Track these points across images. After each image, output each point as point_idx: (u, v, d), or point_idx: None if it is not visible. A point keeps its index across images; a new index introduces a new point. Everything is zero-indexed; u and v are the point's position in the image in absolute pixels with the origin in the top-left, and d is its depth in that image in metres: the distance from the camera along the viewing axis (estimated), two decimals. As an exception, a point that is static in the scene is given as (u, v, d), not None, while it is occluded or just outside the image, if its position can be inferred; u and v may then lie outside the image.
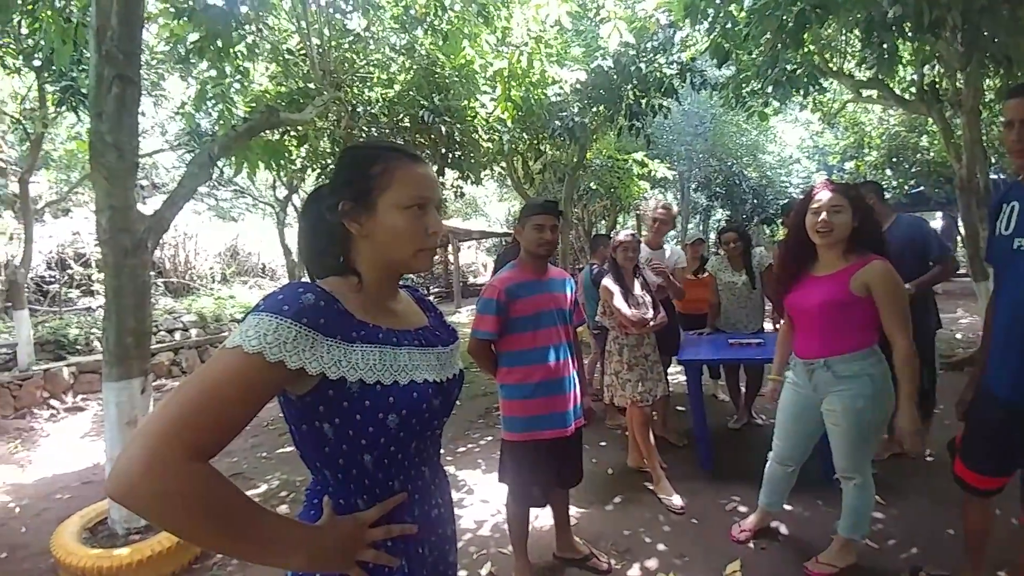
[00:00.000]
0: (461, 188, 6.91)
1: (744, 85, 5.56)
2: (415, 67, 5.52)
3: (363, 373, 0.80)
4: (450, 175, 6.61)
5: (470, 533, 2.73)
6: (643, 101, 5.70)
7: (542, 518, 2.72)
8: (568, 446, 2.18)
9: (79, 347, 6.96)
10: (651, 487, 2.97)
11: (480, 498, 3.12)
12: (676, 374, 4.82)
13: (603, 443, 3.80)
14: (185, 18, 3.89)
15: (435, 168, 6.00)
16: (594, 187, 9.29)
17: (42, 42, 4.10)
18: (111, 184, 2.63)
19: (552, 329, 2.11)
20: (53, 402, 5.87)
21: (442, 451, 3.78)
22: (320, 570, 0.79)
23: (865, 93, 6.47)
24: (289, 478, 3.60)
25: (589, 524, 2.72)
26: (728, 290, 3.82)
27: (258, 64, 5.62)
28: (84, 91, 5.15)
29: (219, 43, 4.00)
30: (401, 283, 0.99)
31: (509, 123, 5.70)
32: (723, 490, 2.94)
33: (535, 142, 6.69)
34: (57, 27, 3.63)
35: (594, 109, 5.96)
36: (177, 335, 8.06)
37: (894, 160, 10.88)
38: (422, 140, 5.81)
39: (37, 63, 5.17)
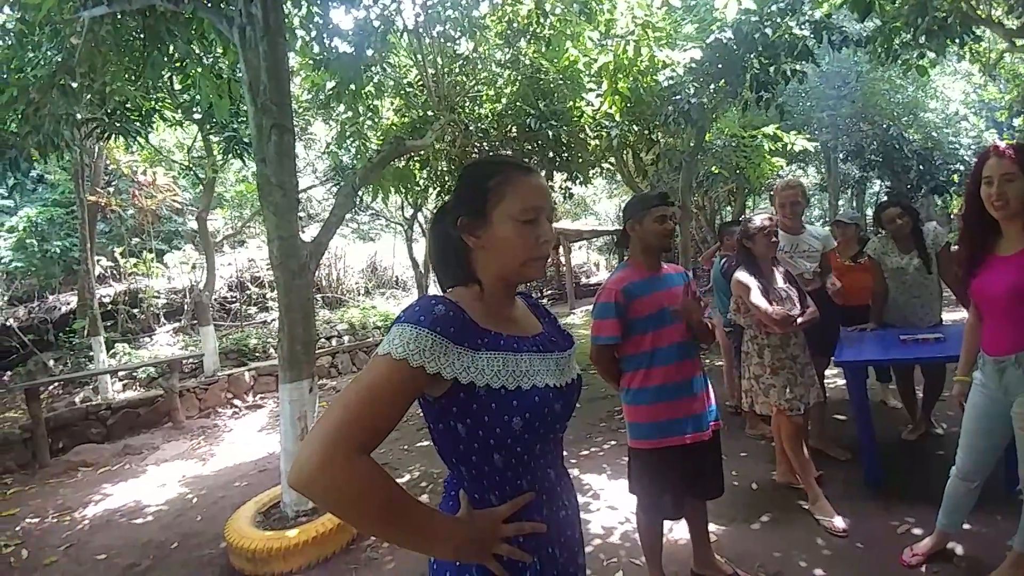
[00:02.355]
0: (570, 189, 6.87)
1: (894, 37, 4.95)
2: (520, 78, 5.65)
3: (489, 378, 0.85)
4: (558, 178, 6.62)
5: (599, 539, 2.68)
6: (771, 69, 5.14)
7: (677, 531, 2.57)
8: (704, 453, 2.03)
9: (257, 354, 8.31)
10: (806, 506, 2.65)
11: (607, 504, 3.04)
12: (835, 376, 4.25)
13: (744, 454, 3.48)
14: (322, 68, 4.40)
15: (543, 172, 6.06)
16: (716, 171, 8.61)
17: (198, 97, 4.84)
18: (278, 218, 3.09)
19: (676, 327, 1.99)
20: (236, 402, 7.05)
21: (565, 454, 3.74)
22: (461, 559, 0.86)
23: (1019, 42, 5.46)
24: (428, 470, 3.87)
25: (732, 542, 2.50)
26: (897, 276, 3.24)
27: (384, 100, 6.20)
28: (246, 140, 6.09)
29: (352, 87, 4.48)
30: (517, 291, 1.04)
31: (617, 117, 5.54)
32: (895, 511, 2.54)
33: (646, 132, 6.40)
34: (210, 83, 4.28)
35: (712, 86, 5.52)
36: (333, 341, 9.27)
37: (1059, 116, 8.85)
38: (530, 147, 5.91)
39: (197, 116, 6.15)
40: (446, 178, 6.72)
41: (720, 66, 5.29)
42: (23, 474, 4.94)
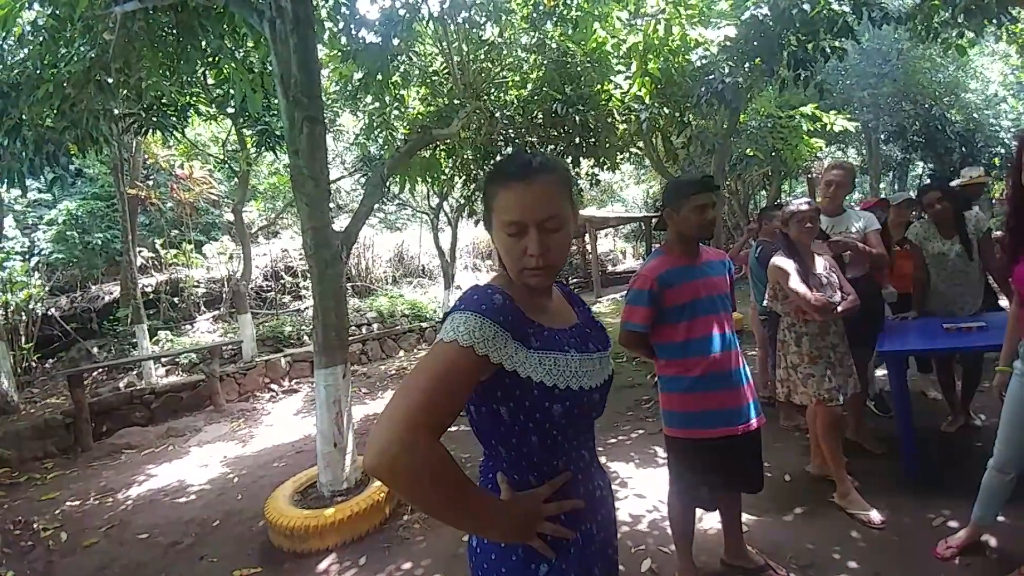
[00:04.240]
0: (596, 176, 6.76)
1: (934, 14, 4.87)
2: (546, 62, 5.56)
3: (543, 375, 0.88)
4: (585, 164, 6.51)
5: (626, 527, 2.68)
6: (809, 46, 4.93)
7: (707, 520, 2.56)
8: (742, 446, 1.98)
9: (292, 341, 8.56)
10: (837, 500, 2.59)
11: (635, 492, 3.04)
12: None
13: (778, 445, 3.41)
14: (350, 59, 4.42)
15: (569, 159, 5.98)
16: (751, 153, 8.32)
17: (231, 91, 4.88)
18: (311, 208, 3.15)
19: (712, 317, 1.94)
20: (273, 386, 7.31)
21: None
22: (508, 540, 0.89)
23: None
24: (457, 454, 3.86)
25: (764, 534, 2.47)
26: (938, 263, 3.12)
27: (411, 90, 6.20)
28: (277, 133, 6.19)
29: (379, 77, 4.50)
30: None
31: (647, 99, 5.41)
32: (931, 504, 2.49)
33: (678, 115, 6.23)
34: (243, 77, 4.33)
35: (748, 65, 5.32)
36: (363, 329, 9.45)
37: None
38: (556, 133, 5.82)
39: (231, 110, 6.26)
40: (471, 167, 6.71)
41: (756, 44, 5.08)
42: (64, 458, 5.11)
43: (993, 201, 16.47)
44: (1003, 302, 3.40)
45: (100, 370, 7.18)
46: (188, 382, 6.64)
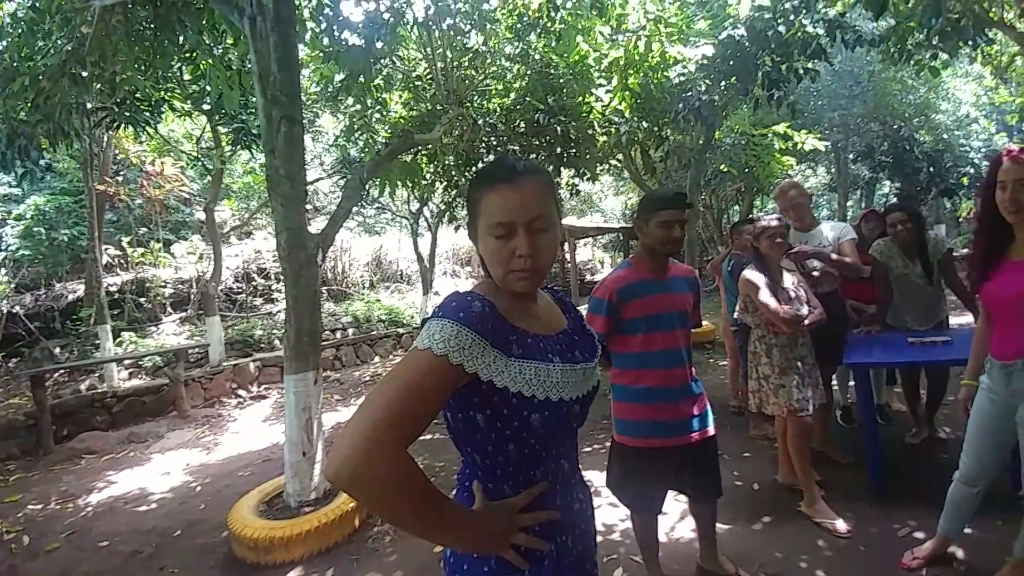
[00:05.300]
0: (576, 186, 6.84)
1: (907, 36, 4.98)
2: (529, 72, 5.62)
3: (521, 385, 0.85)
4: (565, 174, 6.58)
5: (600, 536, 2.67)
6: (783, 67, 5.11)
7: (679, 529, 2.59)
8: (695, 455, 2.00)
9: (262, 345, 8.35)
10: (804, 509, 2.63)
11: (608, 501, 3.02)
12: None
13: (747, 454, 3.47)
14: (332, 60, 4.39)
15: (550, 168, 6.04)
16: (725, 169, 8.55)
17: (207, 88, 4.81)
18: (286, 209, 3.09)
19: (668, 333, 1.96)
20: (240, 392, 7.09)
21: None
22: (481, 551, 0.86)
23: (1031, 46, 5.49)
24: (431, 463, 3.86)
25: (733, 542, 2.50)
26: (902, 282, 3.23)
27: (393, 94, 6.18)
28: (254, 132, 6.09)
29: (361, 79, 4.47)
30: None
31: (627, 113, 5.50)
32: (897, 514, 2.54)
33: (656, 129, 6.36)
34: (220, 74, 4.27)
35: (724, 84, 5.48)
36: (338, 334, 9.28)
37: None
38: (537, 142, 5.87)
39: (206, 107, 6.13)
40: (453, 172, 6.71)
41: (732, 63, 5.24)
42: (26, 461, 4.94)
43: (960, 219, 17.25)
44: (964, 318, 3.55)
45: (62, 371, 6.88)
46: (151, 386, 6.40)
